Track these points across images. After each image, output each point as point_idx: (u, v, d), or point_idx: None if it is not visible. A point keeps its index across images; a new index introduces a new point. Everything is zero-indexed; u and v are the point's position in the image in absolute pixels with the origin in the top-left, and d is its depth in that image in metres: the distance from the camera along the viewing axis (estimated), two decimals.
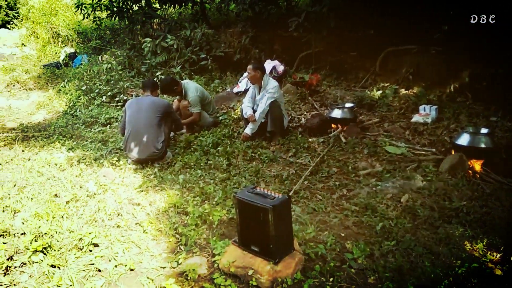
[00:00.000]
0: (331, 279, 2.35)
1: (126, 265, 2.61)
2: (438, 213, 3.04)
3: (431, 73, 5.53)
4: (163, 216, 3.24)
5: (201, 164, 4.35)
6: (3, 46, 25.59)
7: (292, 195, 3.50)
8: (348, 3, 6.09)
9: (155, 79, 7.30)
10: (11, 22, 36.37)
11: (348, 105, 4.98)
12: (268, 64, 6.51)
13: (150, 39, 7.99)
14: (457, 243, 2.65)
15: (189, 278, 2.43)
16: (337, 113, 4.86)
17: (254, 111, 4.86)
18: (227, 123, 5.57)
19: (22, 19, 21.12)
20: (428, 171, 3.72)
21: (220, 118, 5.73)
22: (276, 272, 2.30)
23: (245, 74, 6.61)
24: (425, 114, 4.79)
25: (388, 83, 5.90)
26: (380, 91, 5.64)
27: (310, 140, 4.71)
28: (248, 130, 4.85)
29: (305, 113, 5.51)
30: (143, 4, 9.04)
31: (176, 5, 8.59)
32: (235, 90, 6.55)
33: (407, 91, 5.62)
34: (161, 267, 2.61)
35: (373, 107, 5.38)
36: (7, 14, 51.82)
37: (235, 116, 5.78)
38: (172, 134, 5.02)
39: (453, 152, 3.91)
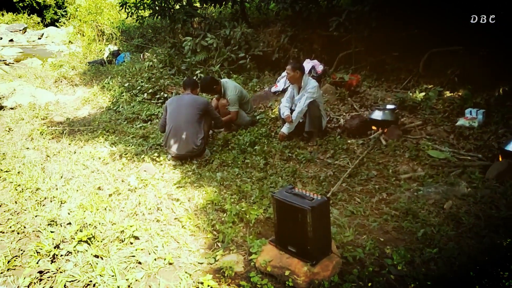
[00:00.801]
0: (369, 284, 2.30)
1: (165, 259, 2.67)
2: (484, 221, 2.91)
3: (478, 75, 5.29)
4: (201, 212, 3.29)
5: (238, 162, 4.39)
6: (52, 43, 26.87)
7: (330, 197, 3.46)
8: (391, 2, 5.94)
9: (194, 77, 7.43)
10: (59, 21, 38.09)
11: (389, 106, 4.86)
12: (307, 64, 6.46)
13: (191, 38, 8.13)
14: (504, 255, 2.53)
15: (226, 275, 2.46)
16: (377, 115, 4.75)
17: (292, 111, 4.84)
18: (264, 122, 5.59)
19: (69, 18, 22.07)
20: (474, 177, 3.57)
21: (258, 117, 5.76)
22: (313, 274, 2.29)
23: (284, 73, 6.62)
24: (471, 118, 4.59)
25: (431, 85, 5.70)
26: (423, 93, 5.46)
27: (349, 141, 4.64)
28: (285, 129, 4.84)
29: (344, 114, 5.43)
30: (184, 3, 9.19)
31: (217, 4, 8.68)
32: (273, 89, 6.55)
33: (452, 94, 5.41)
34: (198, 263, 2.65)
35: (415, 109, 5.22)
36: (55, 13, 54.37)
37: (273, 116, 5.78)
38: (210, 132, 5.09)
39: (501, 159, 3.73)
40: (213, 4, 8.76)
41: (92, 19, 14.59)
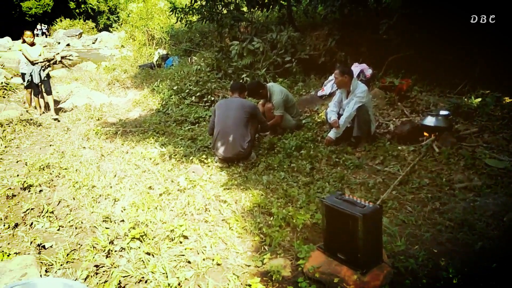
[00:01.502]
0: None
1: (213, 260, 2.71)
2: None
3: None
4: (248, 215, 3.32)
5: (284, 166, 4.38)
6: (105, 47, 28.15)
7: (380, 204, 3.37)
8: (444, 4, 5.71)
9: (240, 81, 7.52)
10: (112, 26, 39.80)
11: (442, 112, 4.66)
12: (356, 68, 6.35)
13: (238, 42, 8.24)
14: None
15: (273, 279, 2.46)
16: (430, 121, 4.57)
17: (340, 116, 4.78)
18: (310, 126, 5.55)
19: (121, 23, 23.04)
20: None
21: (304, 121, 5.73)
22: (363, 283, 2.24)
23: (330, 77, 6.54)
24: None
25: (488, 90, 5.42)
26: (479, 99, 5.20)
27: (399, 148, 4.50)
28: (332, 134, 4.78)
29: (394, 119, 5.28)
30: (232, 8, 9.34)
31: (264, 8, 8.74)
32: (320, 93, 6.49)
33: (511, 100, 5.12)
34: (246, 265, 2.68)
35: (470, 115, 4.98)
36: (108, 18, 56.91)
37: (319, 120, 5.73)
38: (256, 135, 5.12)
39: None
40: (260, 9, 8.83)
41: (143, 24, 15.15)
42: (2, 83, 9.71)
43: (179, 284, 2.47)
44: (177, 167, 4.51)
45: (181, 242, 2.95)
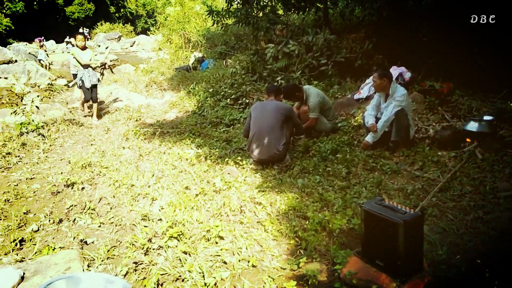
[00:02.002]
0: None
1: (249, 261, 2.73)
2: None
3: None
4: (283, 218, 3.31)
5: (319, 170, 4.34)
6: (142, 50, 28.95)
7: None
8: (489, 5, 5.49)
9: (275, 83, 7.53)
10: (150, 29, 40.84)
11: (486, 117, 4.48)
12: (394, 71, 6.21)
13: (273, 45, 8.26)
14: None
15: (309, 283, 2.44)
16: (473, 126, 4.41)
17: (378, 119, 4.69)
18: (346, 130, 5.48)
19: (159, 27, 23.66)
20: None
21: (340, 124, 5.66)
22: None
23: (368, 80, 6.44)
24: None
25: None
26: None
27: (439, 153, 4.37)
28: (370, 138, 4.70)
29: (433, 124, 5.12)
30: (268, 11, 9.37)
31: (300, 11, 8.72)
32: (356, 96, 6.40)
33: None
34: (281, 268, 2.67)
35: None
36: (146, 22, 58.21)
37: (355, 123, 5.64)
38: (291, 138, 5.10)
39: None
40: (296, 12, 8.81)
41: (180, 27, 15.47)
42: (48, 84, 10.16)
43: (215, 284, 2.50)
44: (213, 168, 4.56)
45: (216, 243, 2.98)
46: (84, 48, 7.35)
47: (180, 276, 2.62)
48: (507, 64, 5.67)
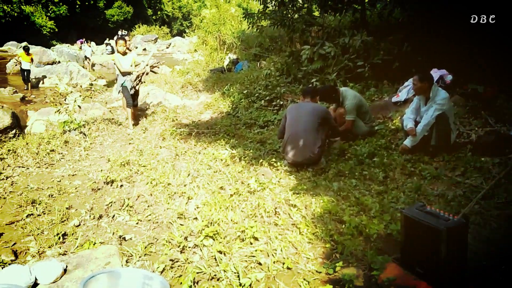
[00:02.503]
0: None
1: (284, 263, 2.71)
2: None
3: None
4: (318, 221, 3.27)
5: (356, 173, 4.27)
6: (177, 52, 29.56)
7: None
8: None
9: (310, 85, 7.48)
10: (186, 31, 41.65)
11: None
12: (435, 73, 6.02)
13: (309, 47, 8.21)
14: None
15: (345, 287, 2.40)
16: None
17: (417, 123, 4.56)
18: (383, 133, 5.35)
19: (194, 29, 24.07)
20: None
21: (376, 127, 5.54)
22: None
23: (406, 83, 6.28)
24: None
25: None
26: None
27: (482, 159, 4.19)
28: (408, 142, 4.57)
29: (476, 128, 4.92)
30: (304, 13, 9.33)
31: (337, 13, 8.62)
32: (394, 99, 6.25)
33: None
34: (316, 271, 2.64)
35: None
36: (181, 24, 59.36)
37: (393, 127, 5.51)
38: (326, 140, 5.04)
39: None
40: (333, 13, 8.72)
41: (216, 29, 15.65)
42: (89, 84, 10.54)
43: (250, 285, 2.50)
44: (247, 169, 4.58)
45: (251, 243, 2.98)
46: (125, 53, 7.08)
47: (215, 275, 2.64)
48: None
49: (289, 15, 9.33)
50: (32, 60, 14.23)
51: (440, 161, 4.38)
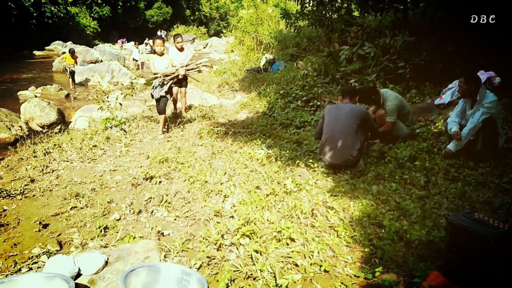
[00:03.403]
0: None
1: (321, 266, 2.67)
2: None
3: None
4: (356, 224, 3.21)
5: (396, 177, 4.15)
6: (214, 52, 29.94)
7: None
8: None
9: (348, 86, 7.35)
10: (223, 32, 42.11)
11: None
12: (482, 75, 5.76)
13: (348, 47, 8.08)
14: None
15: None
16: None
17: (462, 126, 4.38)
18: (425, 136, 5.18)
19: (231, 29, 24.29)
20: None
21: (418, 130, 5.36)
22: None
23: (450, 85, 6.05)
24: None
25: None
26: None
27: None
28: (452, 146, 4.39)
29: None
30: (343, 13, 9.19)
31: (377, 12, 8.43)
32: (437, 101, 6.03)
33: None
34: (355, 275, 2.59)
35: None
36: (218, 25, 60.06)
37: (435, 130, 5.32)
38: (365, 142, 4.93)
39: None
40: (373, 13, 8.53)
41: (253, 29, 15.71)
42: (130, 82, 10.85)
43: (287, 286, 2.48)
44: (283, 169, 4.55)
45: (288, 244, 2.96)
46: (162, 54, 6.41)
47: (251, 274, 2.64)
48: None
49: (328, 15, 9.23)
50: (76, 62, 14.87)
51: (486, 166, 4.18)
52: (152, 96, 6.48)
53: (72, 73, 14.37)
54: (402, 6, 8.16)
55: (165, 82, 6.25)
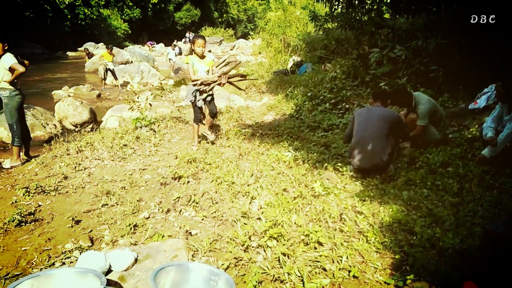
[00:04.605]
0: None
1: (350, 271, 2.63)
2: None
3: None
4: (386, 230, 3.14)
5: (427, 183, 4.04)
6: (241, 54, 30.06)
7: None
8: None
9: (377, 89, 7.22)
10: (250, 34, 42.30)
11: None
12: None
13: (378, 49, 7.95)
14: None
15: None
16: None
17: (498, 132, 4.22)
18: (458, 142, 5.02)
19: (259, 31, 24.35)
20: None
21: (451, 135, 5.21)
22: None
23: (486, 89, 5.87)
24: None
25: None
26: None
27: None
28: (487, 152, 4.24)
29: None
30: (373, 15, 9.05)
31: (410, 15, 8.24)
32: (471, 106, 5.85)
33: None
34: (385, 282, 2.53)
35: None
36: (246, 27, 60.36)
37: (469, 136, 5.15)
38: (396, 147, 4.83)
39: None
40: (406, 15, 8.35)
41: (281, 32, 15.70)
42: (161, 84, 11.04)
43: None
44: (311, 172, 4.52)
45: (315, 248, 2.93)
46: (203, 56, 5.45)
47: (279, 277, 2.62)
48: None
49: (358, 17, 9.11)
50: (113, 60, 15.21)
51: None
52: (191, 102, 5.50)
53: (112, 71, 14.61)
54: (435, 8, 7.96)
55: (205, 91, 5.31)
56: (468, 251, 2.79)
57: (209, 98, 5.53)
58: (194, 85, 5.37)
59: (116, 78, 14.64)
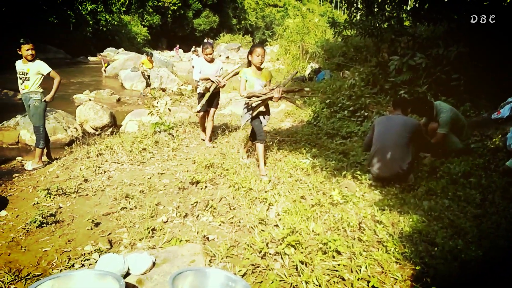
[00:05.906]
0: None
1: (369, 281, 2.58)
2: None
3: None
4: (407, 240, 3.08)
5: (449, 193, 3.95)
6: None
7: None
8: None
9: (397, 97, 7.14)
10: (267, 40, 42.45)
11: None
12: None
13: (397, 57, 7.87)
14: None
15: None
16: None
17: None
18: (481, 152, 4.91)
19: (277, 38, 24.42)
20: None
21: (472, 145, 5.10)
22: None
23: (509, 99, 5.76)
24: None
25: None
26: None
27: None
28: (511, 163, 4.14)
29: None
30: (393, 22, 8.98)
31: (431, 22, 8.15)
32: (494, 116, 5.73)
33: None
34: None
35: None
36: (263, 33, 60.62)
37: (492, 146, 5.03)
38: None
39: None
40: (426, 23, 8.26)
41: (299, 38, 15.70)
42: (178, 88, 11.14)
43: None
44: (329, 180, 4.48)
45: (334, 257, 2.89)
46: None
47: (296, 285, 2.60)
48: None
49: (378, 25, 9.05)
50: (153, 66, 15.52)
51: None
52: (250, 122, 4.85)
53: (149, 77, 14.99)
54: (457, 16, 7.85)
55: (253, 105, 4.64)
56: (490, 263, 2.72)
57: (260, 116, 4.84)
58: (246, 102, 4.71)
59: (148, 84, 14.98)
